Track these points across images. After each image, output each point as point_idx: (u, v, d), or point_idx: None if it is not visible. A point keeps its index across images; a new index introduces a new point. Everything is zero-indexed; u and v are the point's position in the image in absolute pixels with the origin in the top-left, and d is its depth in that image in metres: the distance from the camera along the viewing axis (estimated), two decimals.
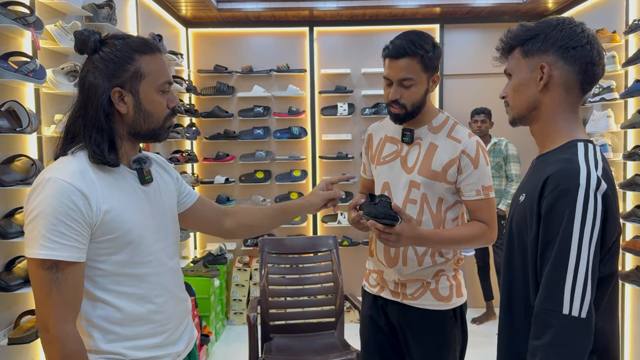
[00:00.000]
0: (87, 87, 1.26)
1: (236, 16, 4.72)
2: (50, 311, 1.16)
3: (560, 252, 1.09)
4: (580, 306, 1.07)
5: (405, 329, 1.87)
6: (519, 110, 1.28)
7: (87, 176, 1.21)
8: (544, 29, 1.23)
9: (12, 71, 2.11)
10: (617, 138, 3.66)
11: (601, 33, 3.73)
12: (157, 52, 1.31)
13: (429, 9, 4.56)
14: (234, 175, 4.91)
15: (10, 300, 2.22)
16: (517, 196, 1.29)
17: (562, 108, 1.23)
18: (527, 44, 1.24)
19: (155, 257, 1.32)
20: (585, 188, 1.09)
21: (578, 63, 1.20)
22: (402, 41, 1.75)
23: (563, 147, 1.22)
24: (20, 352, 2.28)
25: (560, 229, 1.09)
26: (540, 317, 1.11)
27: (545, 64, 1.21)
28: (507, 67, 1.30)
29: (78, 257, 1.19)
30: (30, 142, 2.39)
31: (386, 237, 1.66)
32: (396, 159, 1.89)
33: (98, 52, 1.27)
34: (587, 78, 1.21)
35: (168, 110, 1.32)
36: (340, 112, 4.81)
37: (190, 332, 1.47)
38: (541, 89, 1.23)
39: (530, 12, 4.71)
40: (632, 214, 3.27)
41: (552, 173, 1.14)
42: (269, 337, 3.05)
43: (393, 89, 1.79)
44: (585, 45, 1.20)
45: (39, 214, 1.16)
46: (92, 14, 2.85)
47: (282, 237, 3.44)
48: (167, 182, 1.46)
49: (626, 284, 3.44)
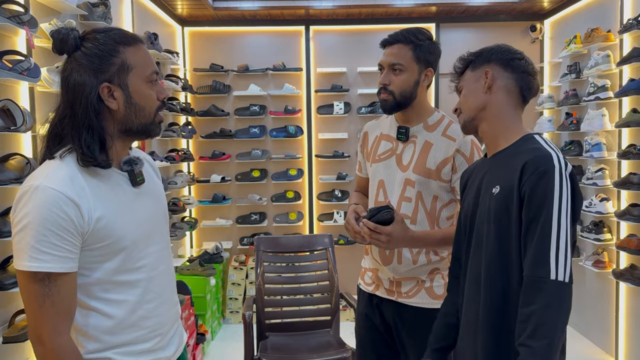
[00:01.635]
0: (72, 86, 1.19)
1: (232, 15, 4.71)
2: (44, 324, 1.12)
3: (545, 225, 1.24)
4: (564, 272, 1.23)
5: (400, 328, 1.88)
6: (468, 112, 1.47)
7: (77, 182, 1.16)
8: (487, 49, 1.48)
9: (6, 70, 2.10)
10: (612, 137, 3.67)
11: (596, 32, 3.74)
12: (140, 43, 1.26)
13: (424, 7, 4.56)
14: (230, 174, 4.91)
15: (5, 299, 2.21)
16: (488, 190, 1.40)
17: (506, 109, 1.44)
18: (474, 62, 1.49)
19: (147, 262, 1.28)
20: (559, 169, 1.27)
21: (516, 72, 1.43)
22: (398, 31, 1.84)
23: (521, 140, 1.40)
24: (15, 351, 2.27)
25: (544, 205, 1.25)
26: (531, 285, 1.24)
27: (488, 69, 1.44)
28: (459, 85, 1.52)
29: (70, 267, 1.14)
30: (24, 141, 2.39)
31: (377, 237, 1.68)
32: (391, 156, 1.89)
33: (80, 48, 1.21)
34: (524, 85, 1.44)
35: (158, 103, 1.28)
36: (336, 110, 4.81)
37: (180, 336, 1.44)
38: (485, 91, 1.44)
39: (526, 11, 4.72)
40: (627, 212, 3.28)
41: (528, 160, 1.29)
42: (265, 335, 3.05)
43: (383, 74, 1.85)
44: (521, 60, 1.45)
45: (28, 224, 1.10)
46: (87, 13, 2.85)
47: (278, 236, 3.44)
48: (155, 180, 1.43)
49: (620, 282, 3.46)
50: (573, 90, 4.10)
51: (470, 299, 1.44)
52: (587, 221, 3.86)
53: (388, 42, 1.84)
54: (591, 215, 3.76)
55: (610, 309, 3.73)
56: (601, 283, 3.87)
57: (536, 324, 1.20)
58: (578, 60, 4.07)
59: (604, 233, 3.65)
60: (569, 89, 4.18)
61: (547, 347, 1.19)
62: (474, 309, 1.41)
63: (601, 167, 3.66)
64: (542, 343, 1.19)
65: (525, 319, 1.23)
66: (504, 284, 1.33)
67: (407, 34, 1.81)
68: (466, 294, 1.47)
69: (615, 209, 3.59)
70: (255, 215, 4.86)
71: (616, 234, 3.63)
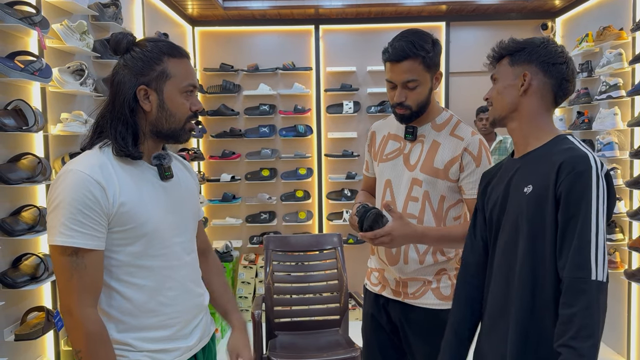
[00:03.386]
0: (115, 84, 1.33)
1: (242, 14, 4.73)
2: (73, 296, 1.23)
3: (584, 226, 1.24)
4: (603, 271, 1.23)
5: (407, 328, 1.87)
6: (500, 111, 1.46)
7: (106, 169, 1.27)
8: (531, 44, 1.42)
9: (18, 70, 2.13)
10: (624, 136, 3.63)
11: (608, 30, 3.71)
12: (185, 58, 1.37)
13: (434, 6, 4.54)
14: (239, 173, 4.93)
15: (17, 296, 2.24)
16: (518, 189, 1.38)
17: (538, 112, 1.42)
18: (515, 55, 1.43)
19: (170, 251, 1.36)
20: (595, 169, 1.27)
21: (555, 77, 1.40)
22: (401, 43, 1.73)
23: (554, 140, 1.39)
24: (28, 348, 2.30)
25: (581, 205, 1.25)
26: (572, 286, 1.24)
27: (528, 72, 1.40)
28: (494, 73, 1.48)
29: (96, 245, 1.24)
30: (36, 141, 2.41)
31: (380, 241, 1.68)
32: (399, 156, 1.89)
33: (130, 52, 1.34)
34: (560, 92, 1.42)
35: (190, 113, 1.37)
36: (345, 110, 4.81)
37: (205, 327, 1.49)
38: (521, 94, 1.41)
39: (537, 9, 4.68)
40: (639, 212, 3.25)
41: (564, 160, 1.29)
42: (274, 334, 3.07)
43: (398, 91, 1.77)
44: (563, 64, 1.40)
45: (60, 203, 1.22)
46: (98, 13, 2.87)
47: (287, 235, 3.45)
48: (189, 181, 1.50)
49: (632, 282, 3.43)
50: (585, 89, 4.07)
51: (498, 298, 1.43)
52: None
53: (395, 59, 1.73)
54: None
55: (622, 310, 3.69)
56: (613, 283, 3.80)
57: (580, 325, 1.20)
58: (590, 59, 4.03)
59: (616, 233, 3.61)
60: (580, 88, 4.15)
61: (593, 348, 1.20)
62: (501, 308, 1.40)
63: (613, 166, 3.62)
64: (587, 344, 1.20)
65: (567, 320, 1.23)
66: (536, 283, 1.32)
67: (413, 48, 1.71)
68: (491, 293, 1.45)
69: (628, 208, 3.55)
70: (264, 214, 4.88)
71: (628, 234, 3.59)
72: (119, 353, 1.30)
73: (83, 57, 2.79)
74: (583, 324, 1.20)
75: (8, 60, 2.13)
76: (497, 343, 1.41)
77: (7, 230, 2.11)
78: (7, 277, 2.11)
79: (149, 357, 1.33)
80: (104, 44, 2.89)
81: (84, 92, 2.62)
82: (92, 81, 2.70)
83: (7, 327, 2.17)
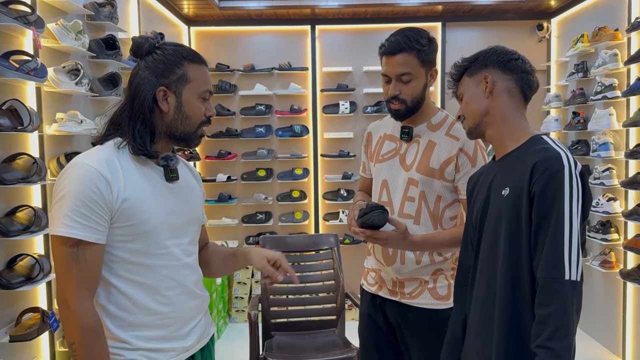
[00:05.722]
0: (136, 83, 1.36)
1: (238, 14, 4.72)
2: (71, 287, 1.24)
3: (557, 226, 1.25)
4: (577, 271, 1.24)
5: (404, 328, 1.87)
6: (473, 119, 1.48)
7: (113, 165, 1.29)
8: (482, 53, 1.48)
9: (13, 70, 2.12)
10: (619, 136, 3.65)
11: (603, 31, 3.72)
12: (204, 65, 1.42)
13: (430, 7, 4.55)
14: (236, 174, 4.92)
15: (12, 297, 2.23)
16: (497, 192, 1.41)
17: (510, 111, 1.44)
18: (471, 67, 1.48)
19: (170, 251, 1.37)
20: (569, 168, 1.27)
21: (515, 72, 1.44)
22: (397, 37, 1.77)
23: (529, 141, 1.40)
24: (22, 350, 2.29)
25: (554, 205, 1.26)
26: (546, 287, 1.24)
27: (488, 74, 1.44)
28: (458, 92, 1.52)
29: (97, 238, 1.26)
30: (31, 141, 2.40)
31: (374, 238, 1.72)
32: (395, 156, 1.89)
33: (151, 54, 1.37)
34: (525, 84, 1.44)
35: (204, 118, 1.41)
36: (342, 110, 4.81)
37: (204, 329, 1.49)
38: (487, 96, 1.44)
39: (533, 10, 4.70)
40: (634, 212, 3.26)
41: (538, 160, 1.30)
42: (270, 334, 3.06)
43: (392, 84, 1.80)
44: (518, 59, 1.45)
45: (65, 195, 1.24)
46: (94, 13, 2.86)
47: (283, 235, 3.45)
48: (194, 185, 1.51)
49: (627, 282, 3.44)
50: (580, 90, 4.08)
51: (481, 302, 1.43)
52: (595, 221, 3.83)
53: (390, 51, 1.77)
54: (598, 215, 3.73)
55: (617, 310, 3.71)
56: (608, 283, 3.84)
57: (555, 325, 1.21)
58: (585, 59, 4.05)
59: (611, 233, 3.63)
60: (576, 88, 4.16)
61: (569, 347, 1.21)
62: (485, 310, 1.41)
63: (608, 166, 3.63)
64: (563, 344, 1.20)
65: (543, 320, 1.23)
66: (515, 284, 1.33)
67: (408, 41, 1.74)
68: (475, 296, 1.46)
69: (623, 208, 3.56)
70: (260, 214, 4.87)
71: (623, 234, 3.60)
72: (115, 351, 1.30)
73: (78, 56, 2.78)
74: (559, 324, 1.21)
75: (3, 59, 2.12)
76: (482, 345, 1.41)
77: (2, 230, 2.09)
78: (2, 278, 2.10)
79: (144, 356, 1.33)
80: (99, 43, 2.88)
81: (80, 91, 2.61)
82: (87, 81, 2.69)
83: (2, 329, 2.16)
